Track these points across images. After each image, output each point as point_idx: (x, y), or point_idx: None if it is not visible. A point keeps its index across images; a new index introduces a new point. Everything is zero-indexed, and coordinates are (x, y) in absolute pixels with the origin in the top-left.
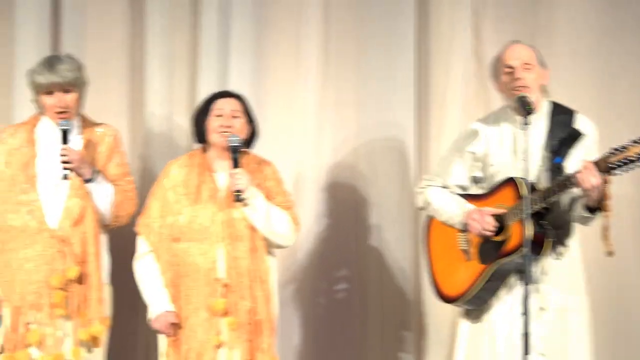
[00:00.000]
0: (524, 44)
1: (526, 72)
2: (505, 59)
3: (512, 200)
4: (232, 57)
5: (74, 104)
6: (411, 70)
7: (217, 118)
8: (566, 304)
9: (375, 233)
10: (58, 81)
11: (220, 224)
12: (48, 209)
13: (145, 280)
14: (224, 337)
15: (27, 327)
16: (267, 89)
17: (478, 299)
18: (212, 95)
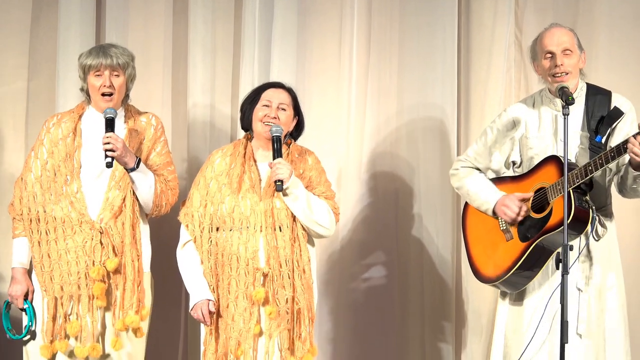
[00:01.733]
0: (563, 27)
1: (566, 58)
2: (545, 45)
3: (554, 178)
4: (275, 46)
5: (120, 87)
6: (454, 58)
7: (264, 108)
8: (604, 285)
9: (416, 221)
10: (108, 62)
11: (261, 214)
12: (89, 201)
13: (186, 269)
14: (264, 326)
15: (67, 318)
16: (309, 78)
17: (519, 278)
18: (264, 84)
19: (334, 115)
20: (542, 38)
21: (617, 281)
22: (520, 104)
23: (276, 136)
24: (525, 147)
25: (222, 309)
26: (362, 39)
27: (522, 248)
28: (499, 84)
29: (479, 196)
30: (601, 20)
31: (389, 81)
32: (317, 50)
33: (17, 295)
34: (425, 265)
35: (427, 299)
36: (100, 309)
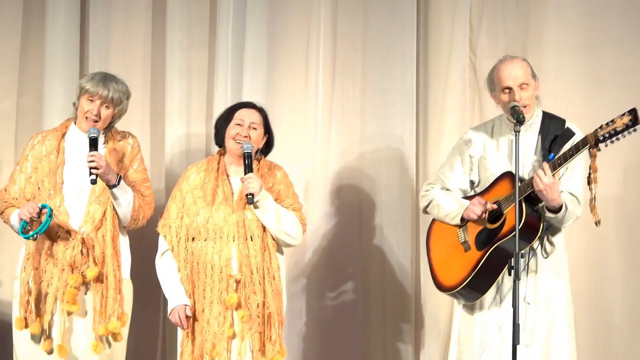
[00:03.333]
0: (516, 58)
1: (524, 92)
2: (502, 80)
3: (508, 191)
4: (246, 70)
5: (106, 118)
6: (412, 82)
7: (237, 126)
8: (552, 298)
9: (377, 233)
10: (103, 94)
11: (233, 224)
12: (71, 213)
13: (165, 276)
14: (236, 329)
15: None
16: (278, 99)
17: (476, 286)
18: (237, 104)
19: (301, 134)
20: (499, 72)
21: (564, 294)
22: (480, 127)
23: (247, 153)
24: (483, 168)
25: (197, 313)
26: (328, 62)
27: (478, 257)
28: (455, 104)
29: (448, 205)
30: (550, 45)
31: (353, 102)
32: (286, 73)
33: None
34: (387, 273)
35: (388, 304)
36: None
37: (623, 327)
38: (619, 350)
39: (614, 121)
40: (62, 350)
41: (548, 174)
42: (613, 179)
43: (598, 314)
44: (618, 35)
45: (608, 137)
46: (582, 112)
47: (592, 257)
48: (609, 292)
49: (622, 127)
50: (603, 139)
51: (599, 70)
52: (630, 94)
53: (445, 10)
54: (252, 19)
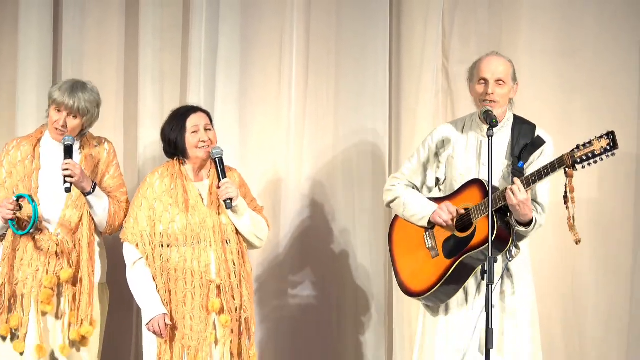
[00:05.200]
0: (503, 57)
1: (498, 88)
2: (481, 71)
3: (477, 199)
4: (219, 74)
5: (73, 128)
6: (385, 84)
7: (194, 134)
8: (517, 301)
9: (351, 233)
10: (69, 104)
11: (210, 229)
12: (47, 217)
13: (139, 286)
14: (218, 334)
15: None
16: (251, 102)
17: (442, 293)
18: (182, 112)
19: (275, 135)
20: (480, 63)
21: (529, 298)
22: (450, 125)
23: (219, 158)
24: (450, 166)
25: (177, 320)
26: (301, 64)
27: (447, 264)
28: (427, 106)
29: (415, 206)
30: (522, 50)
31: (326, 104)
32: (259, 76)
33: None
34: (359, 272)
35: (360, 303)
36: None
37: (596, 330)
38: (592, 353)
39: (592, 143)
40: (41, 350)
41: (522, 190)
42: (587, 183)
43: (571, 317)
44: (592, 41)
45: (585, 159)
46: (555, 116)
47: (566, 260)
48: (582, 294)
49: (600, 150)
50: (580, 161)
51: (572, 75)
52: (604, 98)
53: (418, 13)
54: (225, 22)
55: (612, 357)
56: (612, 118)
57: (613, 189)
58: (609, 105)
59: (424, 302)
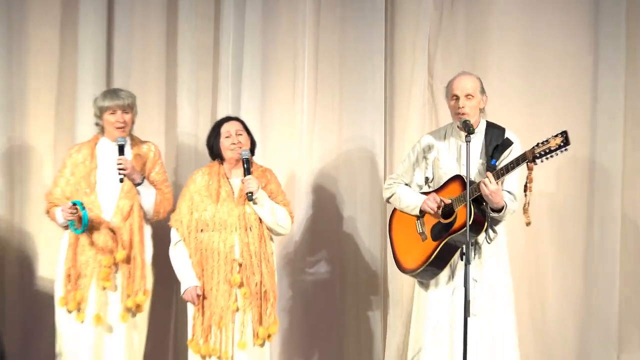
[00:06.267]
0: (470, 74)
1: (468, 101)
2: (453, 89)
3: (458, 192)
4: (244, 89)
5: (129, 121)
6: (382, 97)
7: (227, 139)
8: (494, 278)
9: (352, 221)
10: (120, 103)
11: (235, 218)
12: (104, 207)
13: (178, 263)
14: (239, 304)
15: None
16: (270, 112)
17: (430, 269)
18: (218, 121)
19: (289, 140)
20: (452, 82)
21: (504, 273)
22: (434, 133)
23: (245, 158)
24: (436, 167)
25: (206, 292)
26: (311, 80)
27: (434, 246)
28: (415, 116)
29: (409, 199)
30: (493, 68)
31: (332, 113)
32: (276, 90)
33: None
34: (360, 254)
35: (360, 280)
36: (104, 290)
37: (555, 300)
38: (553, 323)
39: (548, 141)
40: (99, 319)
41: (493, 182)
42: (546, 177)
43: (534, 290)
44: (555, 58)
45: (543, 154)
46: (522, 125)
47: (530, 245)
48: (543, 271)
49: (555, 147)
50: (540, 156)
51: (535, 88)
52: (561, 107)
53: (408, 39)
54: (249, 45)
55: (568, 323)
56: (568, 123)
57: (569, 185)
58: (565, 112)
59: (417, 278)
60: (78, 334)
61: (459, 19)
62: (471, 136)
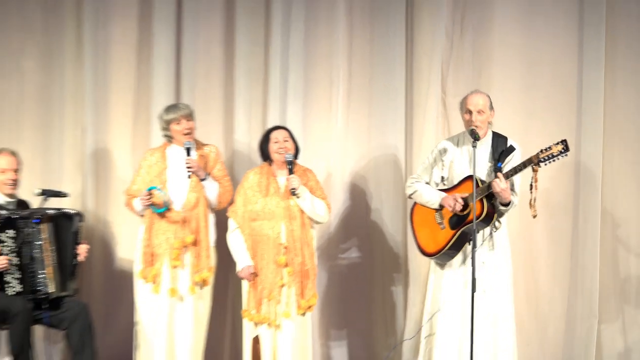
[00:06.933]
0: (481, 92)
1: (479, 116)
2: (467, 104)
3: (471, 189)
4: (289, 102)
5: (194, 127)
6: (403, 110)
7: (275, 144)
8: (498, 261)
9: (378, 213)
10: (183, 113)
11: (282, 209)
12: (175, 200)
13: (235, 246)
14: (285, 280)
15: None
16: (311, 121)
17: (448, 254)
18: (268, 129)
19: (327, 145)
20: (466, 98)
21: (506, 257)
22: (450, 139)
23: (289, 160)
24: (451, 169)
25: (258, 270)
26: (345, 96)
27: (452, 234)
28: (431, 126)
29: (429, 195)
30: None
31: (362, 123)
32: (316, 103)
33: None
34: (385, 240)
35: (385, 261)
36: (176, 268)
37: (546, 278)
38: (544, 298)
39: (551, 148)
40: (174, 292)
41: (503, 181)
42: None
43: (529, 274)
44: (549, 77)
45: (547, 159)
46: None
47: (525, 234)
48: (536, 255)
49: (557, 152)
50: (544, 160)
51: (531, 103)
52: (553, 119)
53: (425, 62)
54: (293, 66)
55: (557, 297)
56: (557, 131)
57: (558, 182)
58: (556, 124)
59: (435, 260)
60: (153, 304)
61: (467, 46)
62: (479, 144)
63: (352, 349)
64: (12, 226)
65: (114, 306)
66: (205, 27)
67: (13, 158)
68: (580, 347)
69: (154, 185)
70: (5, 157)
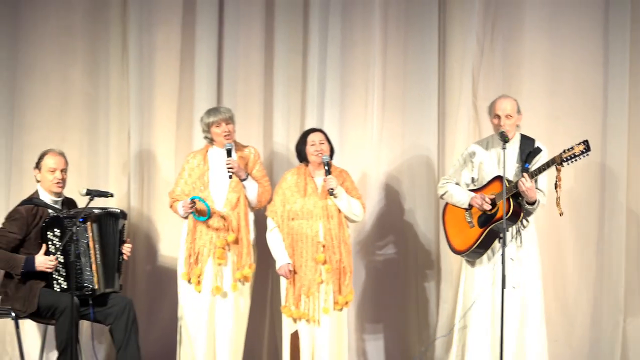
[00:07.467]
0: (509, 97)
1: (507, 120)
2: (495, 109)
3: (499, 189)
4: (326, 107)
5: (232, 130)
6: (436, 114)
7: (312, 146)
8: (527, 258)
9: (412, 212)
10: (224, 117)
11: (319, 209)
12: (216, 200)
13: (274, 245)
14: (323, 277)
15: (198, 263)
16: (347, 125)
17: (477, 251)
18: (306, 131)
19: (363, 148)
20: (495, 103)
21: (534, 254)
22: (480, 142)
23: (326, 162)
24: (480, 170)
25: (297, 268)
26: (380, 101)
27: (480, 232)
28: (462, 130)
29: (459, 195)
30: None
31: (397, 128)
32: (352, 108)
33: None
34: (418, 239)
35: (419, 259)
36: (220, 266)
37: (573, 274)
38: (571, 292)
39: (573, 148)
40: (218, 290)
41: (528, 180)
42: (566, 176)
43: (557, 271)
44: (575, 83)
45: (569, 158)
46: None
47: (554, 232)
48: (563, 252)
49: (579, 152)
50: (567, 160)
51: (558, 107)
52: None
53: (457, 69)
54: (330, 72)
55: (583, 291)
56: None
57: (584, 183)
58: (580, 127)
59: (465, 258)
60: (196, 301)
61: (497, 53)
62: (508, 146)
63: (386, 343)
64: (59, 225)
65: (158, 302)
66: (245, 34)
67: (61, 158)
68: (606, 342)
69: (195, 195)
70: (54, 157)
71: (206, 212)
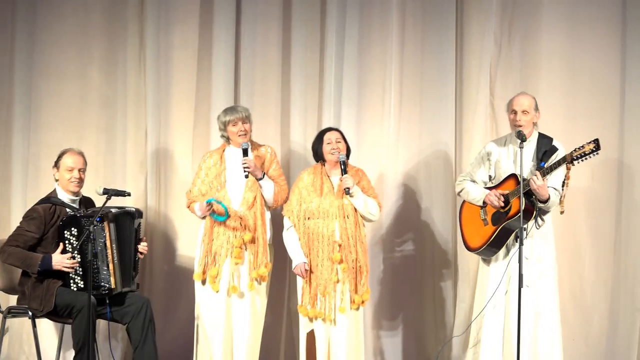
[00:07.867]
0: (527, 94)
1: (523, 116)
2: (513, 105)
3: (513, 187)
4: (343, 106)
5: (249, 129)
6: (453, 112)
7: (328, 145)
8: (542, 256)
9: (429, 210)
10: (240, 116)
11: (336, 208)
12: (233, 199)
13: (290, 244)
14: (339, 277)
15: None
16: (364, 124)
17: (490, 249)
18: (322, 130)
19: (379, 147)
20: (513, 99)
21: (550, 253)
22: (496, 140)
23: (342, 161)
24: (497, 168)
25: (313, 267)
26: (397, 100)
27: (493, 229)
28: (479, 128)
29: (475, 192)
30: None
31: (414, 124)
32: (369, 107)
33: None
34: (435, 236)
35: (436, 257)
36: (237, 265)
37: (590, 274)
38: (587, 290)
39: (583, 147)
40: (235, 289)
41: (540, 178)
42: (583, 174)
43: (573, 266)
44: (592, 82)
45: (579, 157)
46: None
47: (571, 230)
48: (580, 251)
49: (589, 151)
50: (577, 158)
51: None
52: (594, 121)
53: (475, 68)
54: (347, 71)
55: (600, 292)
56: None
57: (602, 181)
58: (597, 125)
59: (480, 255)
60: (213, 301)
61: (514, 52)
62: (524, 144)
63: (403, 342)
64: (77, 224)
65: (175, 301)
66: (262, 33)
67: (80, 158)
68: (623, 340)
69: (213, 195)
70: (72, 156)
71: (224, 212)
